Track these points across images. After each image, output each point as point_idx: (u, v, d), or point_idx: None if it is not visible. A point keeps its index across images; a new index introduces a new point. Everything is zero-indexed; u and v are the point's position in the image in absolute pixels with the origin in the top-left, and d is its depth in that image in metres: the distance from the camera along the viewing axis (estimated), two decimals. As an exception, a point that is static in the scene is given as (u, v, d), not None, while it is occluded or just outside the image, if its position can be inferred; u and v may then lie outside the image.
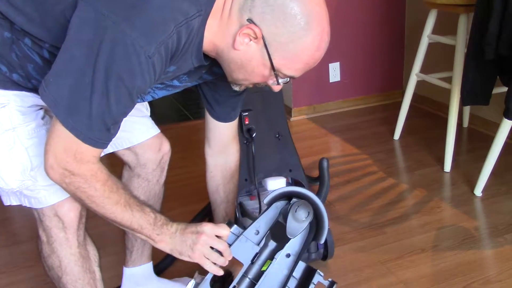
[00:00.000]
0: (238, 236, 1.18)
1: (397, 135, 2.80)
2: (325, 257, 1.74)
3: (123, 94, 0.97)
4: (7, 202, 1.21)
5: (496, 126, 2.10)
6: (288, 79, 1.08)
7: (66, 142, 0.99)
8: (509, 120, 2.00)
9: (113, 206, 1.08)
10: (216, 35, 1.04)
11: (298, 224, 1.16)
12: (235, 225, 1.19)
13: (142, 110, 1.46)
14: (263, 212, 1.21)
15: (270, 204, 1.19)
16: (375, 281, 1.68)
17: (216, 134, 1.40)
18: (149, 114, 1.49)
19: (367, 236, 1.93)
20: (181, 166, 2.56)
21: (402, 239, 1.90)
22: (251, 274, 1.20)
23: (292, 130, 1.99)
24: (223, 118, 1.37)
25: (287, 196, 1.20)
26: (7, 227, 2.15)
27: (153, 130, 1.48)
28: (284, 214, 1.20)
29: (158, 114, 3.55)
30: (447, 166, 2.40)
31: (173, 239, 1.15)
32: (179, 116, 3.50)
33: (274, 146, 1.85)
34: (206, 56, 1.09)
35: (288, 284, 1.18)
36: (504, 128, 2.03)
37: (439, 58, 2.75)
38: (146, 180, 1.48)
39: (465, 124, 2.88)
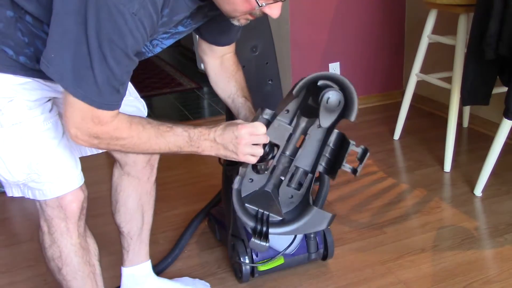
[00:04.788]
0: (271, 121, 1.22)
1: (397, 135, 2.80)
2: (325, 257, 1.74)
3: (120, 55, 0.99)
4: (9, 193, 1.23)
5: (496, 126, 2.10)
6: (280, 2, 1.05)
7: (82, 111, 1.02)
8: (509, 120, 2.00)
9: (146, 143, 1.12)
10: None
11: (330, 114, 1.18)
12: (267, 109, 1.23)
13: (139, 108, 1.46)
14: (289, 96, 1.22)
15: (298, 93, 1.20)
16: (375, 281, 1.68)
17: (214, 51, 1.42)
18: (146, 114, 1.49)
19: (367, 236, 1.93)
20: (182, 166, 2.55)
21: (402, 239, 1.90)
22: (288, 151, 1.26)
23: (292, 130, 1.99)
24: (229, 42, 1.40)
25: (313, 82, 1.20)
26: (7, 227, 2.15)
27: None
28: (312, 91, 1.21)
29: (158, 114, 3.55)
30: (447, 166, 2.40)
31: (214, 146, 1.18)
32: (179, 116, 3.49)
33: (274, 146, 1.85)
34: None
35: (324, 153, 1.24)
36: (504, 128, 2.03)
37: (439, 58, 2.75)
38: (137, 178, 1.48)
39: (465, 124, 2.88)
